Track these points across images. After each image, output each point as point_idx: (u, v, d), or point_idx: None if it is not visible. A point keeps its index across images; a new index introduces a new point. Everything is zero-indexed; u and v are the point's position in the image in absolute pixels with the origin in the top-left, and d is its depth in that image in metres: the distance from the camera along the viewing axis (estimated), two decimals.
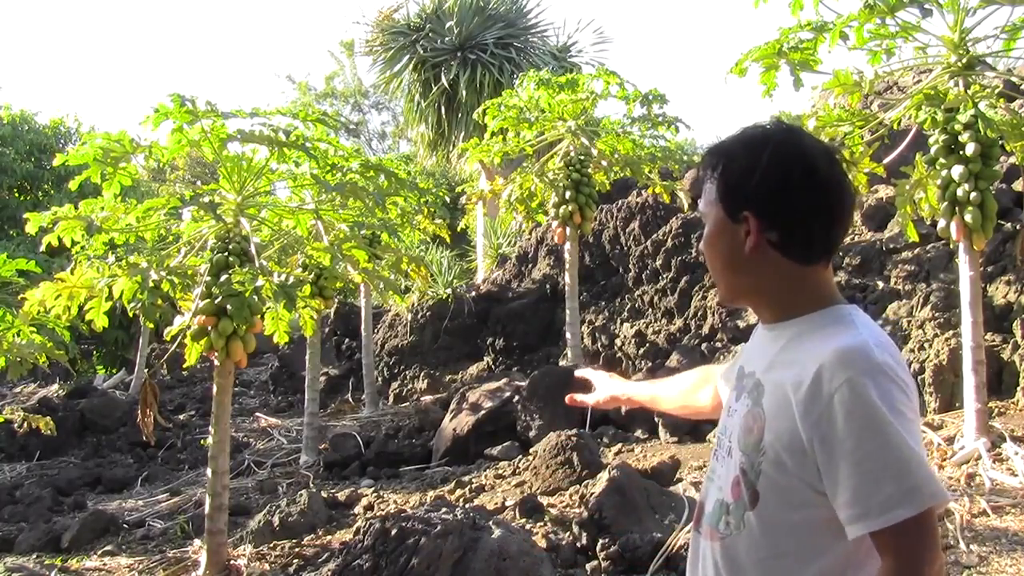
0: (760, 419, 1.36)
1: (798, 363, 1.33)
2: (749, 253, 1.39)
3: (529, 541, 3.90)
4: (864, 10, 4.31)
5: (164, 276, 4.44)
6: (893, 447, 1.22)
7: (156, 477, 7.93)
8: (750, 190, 1.38)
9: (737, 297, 1.49)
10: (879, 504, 1.21)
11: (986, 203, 4.68)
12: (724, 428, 1.49)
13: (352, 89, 27.39)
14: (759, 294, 1.45)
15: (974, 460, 4.62)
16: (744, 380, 1.47)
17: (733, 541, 1.38)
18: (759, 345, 1.50)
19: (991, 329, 5.73)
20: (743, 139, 1.43)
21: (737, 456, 1.39)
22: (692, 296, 8.14)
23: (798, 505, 1.31)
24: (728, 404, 1.51)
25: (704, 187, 1.45)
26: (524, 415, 6.68)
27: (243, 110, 4.40)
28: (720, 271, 1.46)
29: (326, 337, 11.27)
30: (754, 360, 1.47)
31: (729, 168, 1.41)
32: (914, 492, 1.21)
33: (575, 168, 7.66)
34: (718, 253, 1.44)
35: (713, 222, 1.43)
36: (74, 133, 18.71)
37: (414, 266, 6.31)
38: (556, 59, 14.38)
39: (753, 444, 1.35)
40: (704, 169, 1.46)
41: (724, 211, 1.41)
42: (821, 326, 1.37)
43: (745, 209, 1.38)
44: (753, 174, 1.37)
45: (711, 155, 1.45)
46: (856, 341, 1.30)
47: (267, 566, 4.67)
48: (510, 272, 10.88)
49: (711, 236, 1.45)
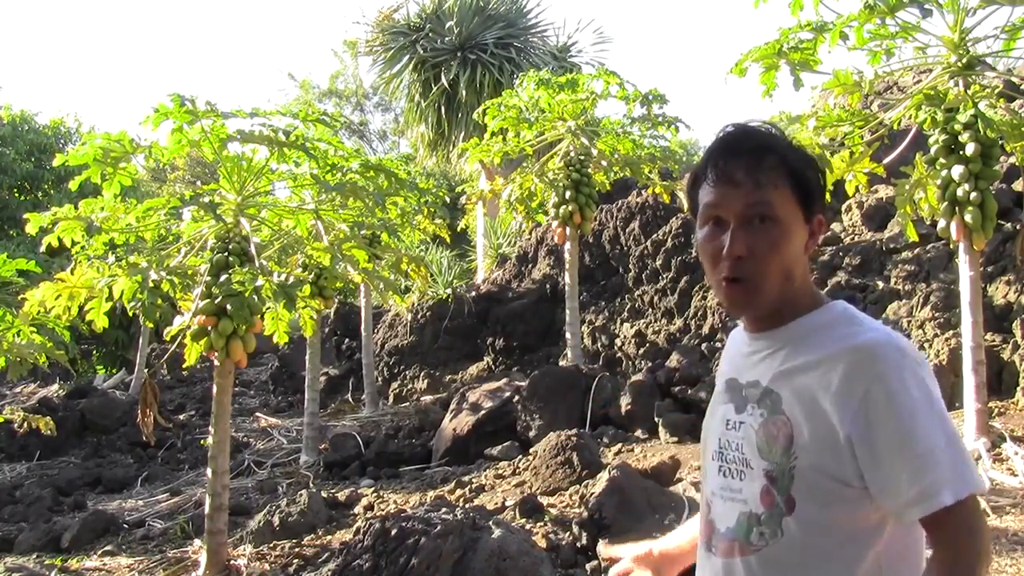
0: (786, 426, 1.35)
1: (820, 364, 1.33)
2: (805, 253, 1.41)
3: (529, 541, 3.90)
4: (864, 10, 4.31)
5: (164, 276, 4.44)
6: (938, 432, 1.25)
7: (156, 477, 7.93)
8: (819, 191, 1.40)
9: (772, 302, 1.39)
10: (930, 486, 1.23)
11: (986, 203, 4.68)
12: (728, 443, 1.45)
13: (354, 89, 27.39)
14: (789, 296, 1.40)
15: (974, 460, 4.61)
16: (745, 391, 1.45)
17: (773, 550, 1.37)
18: (748, 353, 1.47)
19: (991, 329, 5.73)
20: (780, 139, 1.41)
21: (761, 465, 1.37)
22: (692, 296, 8.14)
23: (838, 504, 1.32)
24: (724, 418, 1.48)
25: (761, 180, 1.35)
26: (524, 415, 6.68)
27: (243, 110, 4.40)
28: (777, 273, 1.37)
29: (326, 337, 11.27)
30: (748, 370, 1.45)
31: (803, 170, 1.39)
32: (963, 476, 1.25)
33: (575, 168, 7.66)
34: (784, 255, 1.36)
35: (787, 225, 1.36)
36: (74, 133, 18.74)
37: (414, 266, 6.32)
38: (556, 59, 14.39)
39: (781, 451, 1.34)
40: (759, 163, 1.36)
41: (802, 212, 1.38)
42: (827, 325, 1.37)
43: (820, 213, 1.40)
44: (817, 176, 1.40)
45: (767, 151, 1.38)
46: (878, 335, 1.32)
47: (267, 566, 4.67)
48: (510, 272, 10.88)
49: (785, 238, 1.36)
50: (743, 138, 1.41)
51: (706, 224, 1.41)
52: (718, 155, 1.40)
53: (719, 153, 1.40)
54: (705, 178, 1.41)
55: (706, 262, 1.42)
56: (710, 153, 1.42)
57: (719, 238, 1.38)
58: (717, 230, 1.39)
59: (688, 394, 6.50)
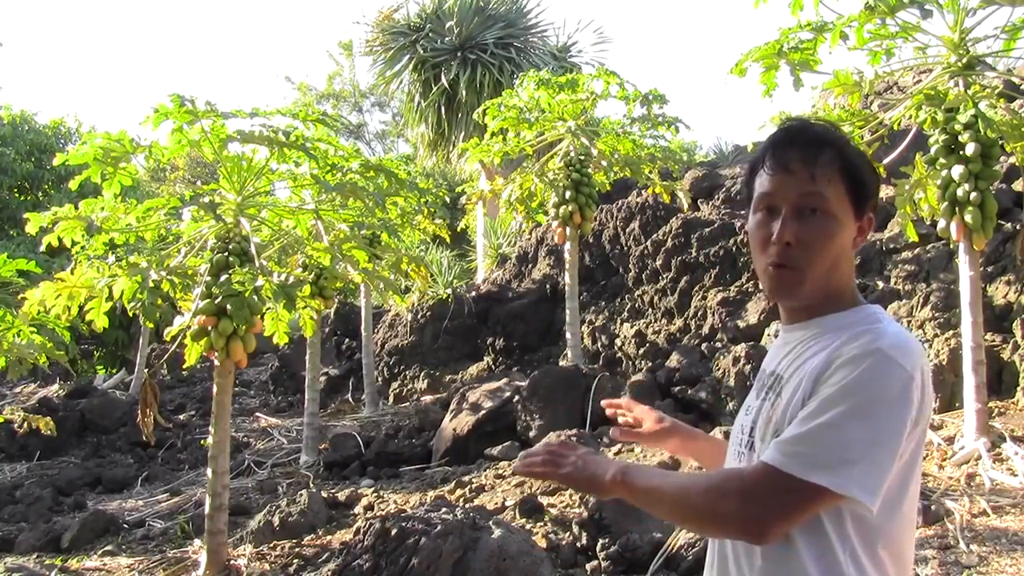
0: (777, 406, 1.39)
1: (824, 350, 1.35)
2: (851, 250, 1.43)
3: (529, 541, 3.90)
4: (864, 10, 4.31)
5: (164, 276, 4.44)
6: (856, 426, 1.24)
7: (156, 477, 7.94)
8: (872, 190, 1.43)
9: (816, 293, 1.41)
10: (799, 455, 1.24)
11: (986, 203, 4.68)
12: (741, 428, 1.50)
13: (351, 91, 27.39)
14: (830, 290, 1.42)
15: (974, 460, 4.62)
16: (765, 379, 1.49)
17: None
18: (781, 344, 1.51)
19: (991, 329, 5.73)
20: (839, 136, 1.45)
21: (759, 448, 1.41)
22: (692, 296, 8.14)
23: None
24: (747, 405, 1.53)
25: (816, 173, 1.37)
26: (524, 415, 6.68)
27: (243, 110, 4.40)
28: (823, 265, 1.39)
29: (326, 337, 11.27)
30: (777, 360, 1.49)
31: (859, 168, 1.42)
32: (830, 465, 1.23)
33: (575, 168, 7.66)
34: (832, 248, 1.38)
35: (839, 219, 1.39)
36: (74, 133, 18.74)
37: (414, 266, 6.31)
38: (556, 59, 14.38)
39: (771, 432, 1.38)
40: (817, 156, 1.39)
41: (853, 209, 1.41)
42: (854, 324, 1.38)
43: (871, 211, 1.43)
44: (871, 175, 1.43)
45: (825, 145, 1.40)
46: (884, 332, 1.32)
47: (267, 566, 4.67)
48: (510, 272, 10.88)
49: (836, 231, 1.38)
50: (802, 131, 1.44)
51: (759, 211, 1.43)
52: (777, 145, 1.43)
53: (778, 143, 1.43)
54: (762, 166, 1.44)
55: (755, 248, 1.45)
56: (769, 143, 1.45)
57: (770, 225, 1.41)
58: (769, 217, 1.41)
59: (688, 394, 6.50)
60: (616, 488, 1.42)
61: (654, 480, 1.41)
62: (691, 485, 1.36)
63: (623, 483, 1.41)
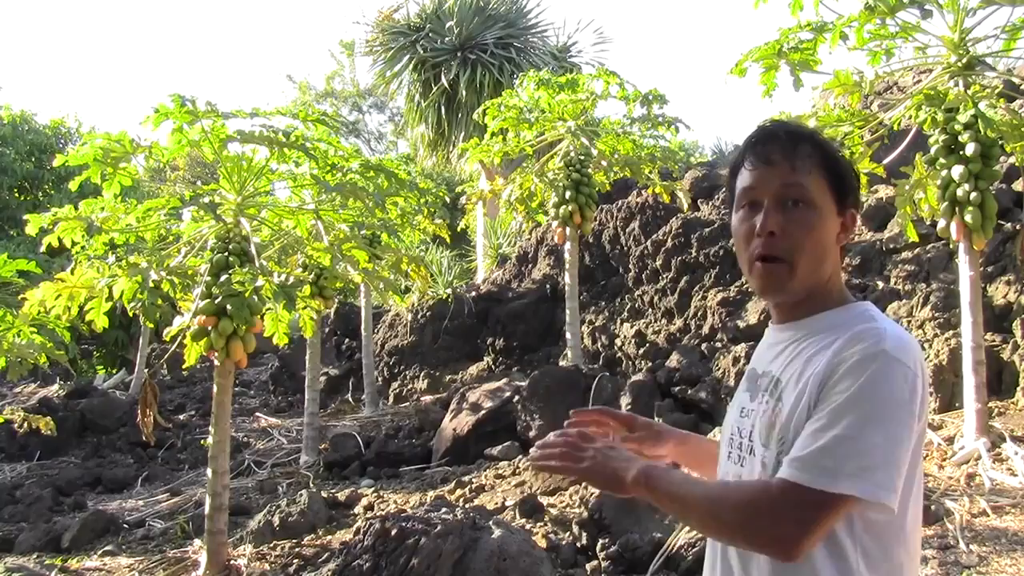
0: (779, 412, 1.37)
1: (821, 352, 1.35)
2: (836, 245, 1.43)
3: (529, 541, 3.90)
4: (864, 11, 4.31)
5: (164, 276, 4.44)
6: (870, 430, 1.24)
7: (156, 477, 7.94)
8: (852, 185, 1.44)
9: (805, 288, 1.41)
10: (823, 469, 1.23)
11: (986, 203, 4.68)
12: (738, 430, 1.48)
13: (351, 91, 27.38)
14: (819, 286, 1.43)
15: (974, 460, 4.61)
16: (759, 380, 1.47)
17: None
18: (771, 344, 1.50)
19: (991, 329, 5.72)
20: (814, 132, 1.47)
21: (760, 452, 1.40)
22: (692, 296, 8.14)
23: None
24: (740, 407, 1.51)
25: (796, 165, 1.39)
26: (524, 415, 6.68)
27: (243, 110, 4.41)
28: (811, 258, 1.39)
29: (326, 337, 11.27)
30: (768, 360, 1.48)
31: (838, 162, 1.43)
32: (855, 474, 1.22)
33: (575, 168, 7.66)
34: (816, 239, 1.39)
35: (821, 211, 1.40)
36: (74, 133, 18.74)
37: (414, 266, 6.31)
38: (556, 59, 14.39)
39: (775, 438, 1.37)
40: (795, 149, 1.41)
41: (835, 202, 1.42)
42: (846, 322, 1.38)
43: (853, 207, 1.44)
44: (850, 169, 1.44)
45: (802, 139, 1.42)
46: (879, 330, 1.32)
47: (267, 566, 4.67)
48: (510, 272, 10.88)
49: (819, 222, 1.39)
50: (780, 127, 1.46)
51: (742, 207, 1.44)
52: (756, 142, 1.44)
53: (757, 140, 1.44)
54: (743, 164, 1.45)
55: (739, 243, 1.45)
56: (748, 141, 1.46)
57: (753, 218, 1.41)
58: (752, 212, 1.42)
59: (688, 394, 6.50)
60: (638, 490, 1.40)
61: (679, 487, 1.38)
62: (720, 499, 1.34)
63: (646, 486, 1.39)
